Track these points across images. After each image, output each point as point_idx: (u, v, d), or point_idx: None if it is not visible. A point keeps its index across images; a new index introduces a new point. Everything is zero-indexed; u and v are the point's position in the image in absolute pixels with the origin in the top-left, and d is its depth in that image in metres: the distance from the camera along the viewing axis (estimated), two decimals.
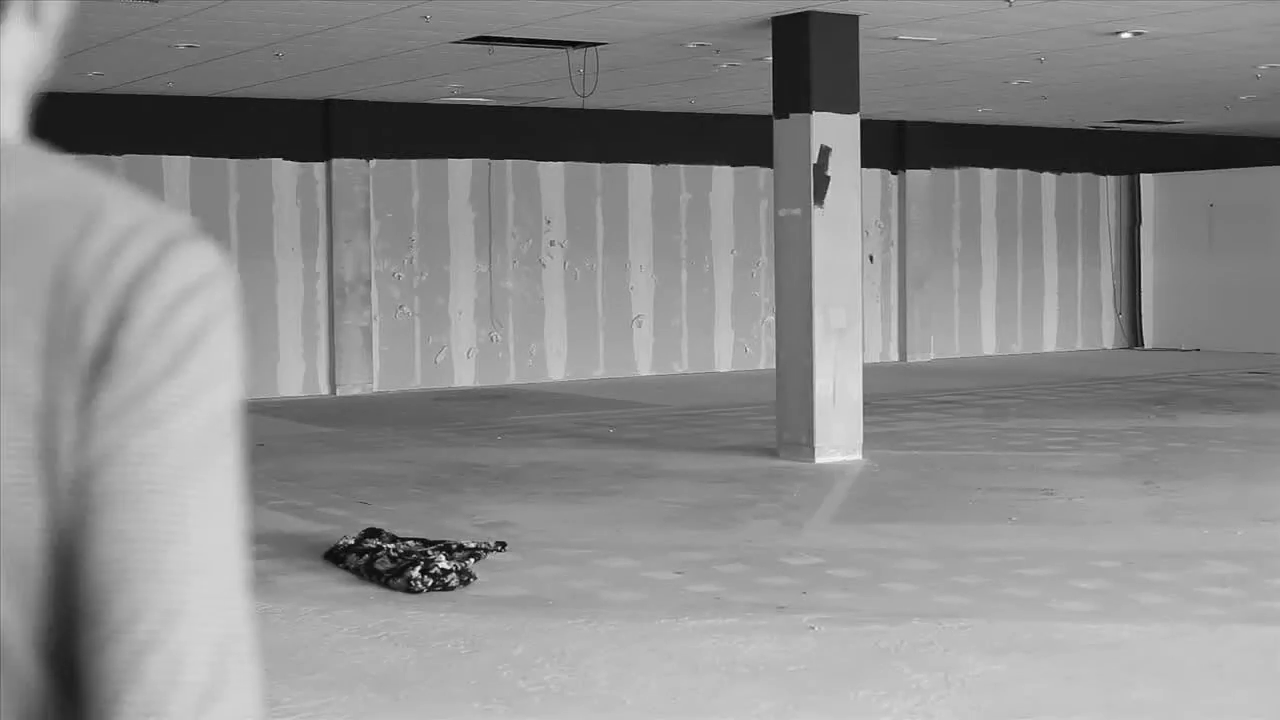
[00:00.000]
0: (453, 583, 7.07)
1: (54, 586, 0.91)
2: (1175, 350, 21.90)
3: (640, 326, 18.66)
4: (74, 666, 0.91)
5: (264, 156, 16.63)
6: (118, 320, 0.90)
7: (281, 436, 13.18)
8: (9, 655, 0.90)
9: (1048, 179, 22.04)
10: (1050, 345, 22.07)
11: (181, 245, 0.93)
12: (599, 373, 18.28)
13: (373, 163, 17.09)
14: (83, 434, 0.90)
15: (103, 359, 0.90)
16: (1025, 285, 21.80)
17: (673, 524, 8.74)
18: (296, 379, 16.85)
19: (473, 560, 7.49)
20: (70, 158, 1.01)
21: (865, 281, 19.31)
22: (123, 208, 0.94)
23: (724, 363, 19.28)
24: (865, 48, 11.92)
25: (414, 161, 17.38)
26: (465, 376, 17.69)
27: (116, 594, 0.89)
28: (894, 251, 20.59)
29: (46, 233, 0.92)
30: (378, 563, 7.31)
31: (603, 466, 10.83)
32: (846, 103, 11.27)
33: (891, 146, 20.31)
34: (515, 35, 12.19)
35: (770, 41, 11.63)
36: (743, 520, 8.85)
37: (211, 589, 0.91)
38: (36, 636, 0.91)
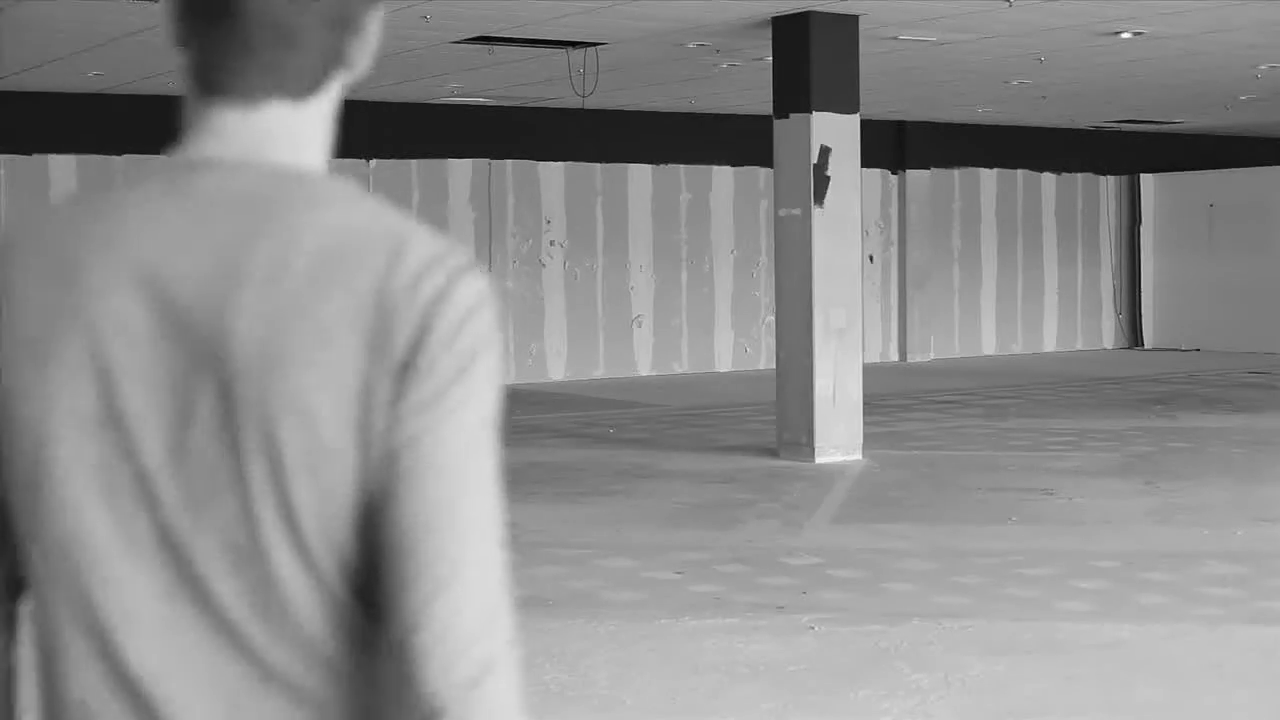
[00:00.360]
0: None
1: (358, 531, 1.22)
2: (1175, 350, 21.90)
3: (640, 326, 18.66)
4: (373, 593, 1.23)
5: None
6: (420, 334, 1.21)
7: None
8: (324, 578, 1.23)
9: (1048, 179, 22.04)
10: (1050, 345, 22.07)
11: (464, 276, 1.24)
12: (599, 373, 18.29)
13: (373, 163, 17.09)
14: (393, 421, 1.20)
15: (409, 364, 1.20)
16: (1025, 285, 21.80)
17: (673, 524, 8.74)
18: None
19: None
20: (366, 192, 1.33)
21: (865, 281, 19.31)
22: (421, 242, 1.25)
23: (724, 363, 19.28)
24: (865, 48, 11.92)
25: (414, 161, 17.38)
26: None
27: (418, 544, 1.19)
28: (894, 251, 20.59)
29: (364, 257, 1.22)
30: None
31: (603, 466, 10.83)
32: (846, 103, 11.27)
33: (891, 146, 20.31)
34: (515, 35, 12.19)
35: (770, 41, 11.63)
36: (743, 520, 8.85)
37: (483, 542, 1.21)
38: (343, 569, 1.23)
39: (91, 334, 1.24)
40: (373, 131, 16.97)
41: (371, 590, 1.24)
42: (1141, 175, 22.61)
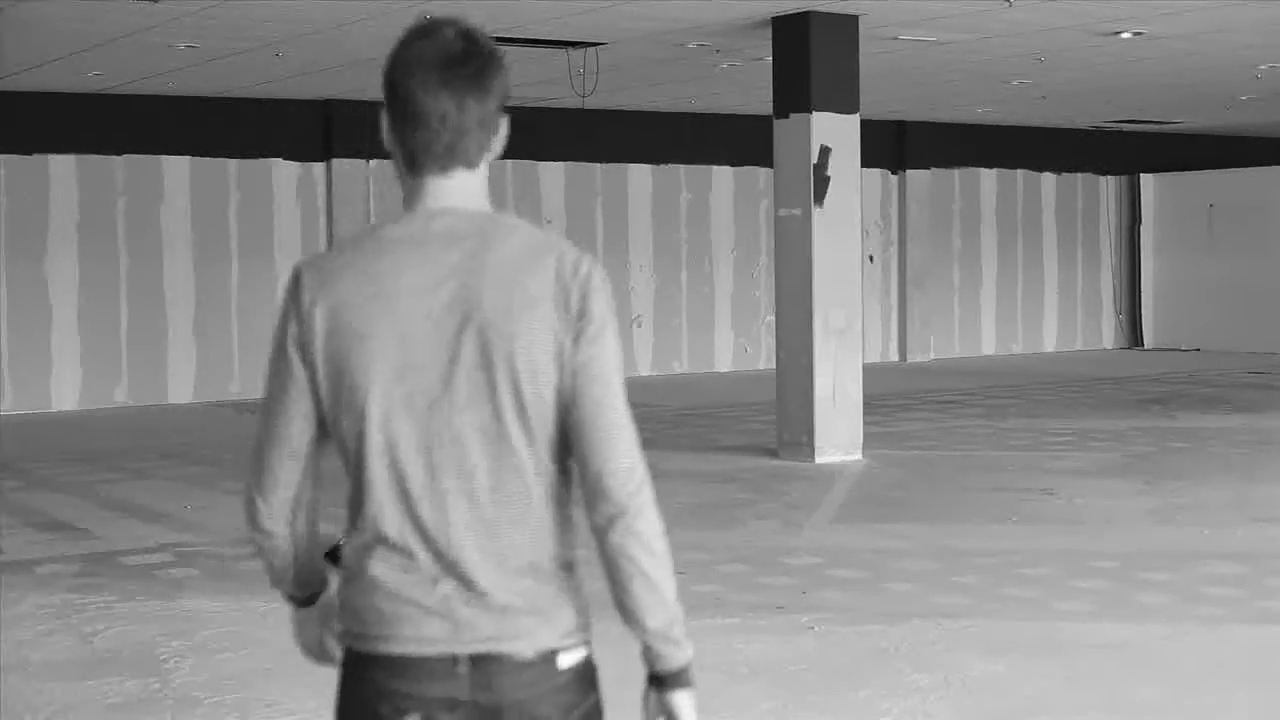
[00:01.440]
0: None
1: (556, 419, 2.15)
2: (1175, 350, 21.90)
3: (640, 326, 18.66)
4: (562, 459, 2.19)
5: (264, 156, 16.62)
6: (583, 299, 2.14)
7: None
8: (538, 449, 2.15)
9: (1048, 179, 22.04)
10: (1050, 345, 22.07)
11: (592, 262, 2.19)
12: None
13: (373, 163, 17.09)
14: (573, 351, 2.13)
15: (579, 316, 2.14)
16: (1025, 285, 21.79)
17: (672, 524, 8.68)
18: None
19: None
20: (519, 220, 2.26)
21: (865, 281, 19.31)
22: (568, 245, 2.19)
23: (724, 363, 19.28)
24: (865, 48, 11.92)
25: None
26: None
27: (596, 421, 2.14)
28: (894, 251, 20.59)
29: (544, 256, 2.17)
30: None
31: None
32: (846, 103, 11.26)
33: (891, 146, 20.31)
34: (515, 35, 12.18)
35: (770, 41, 11.63)
36: (743, 520, 8.85)
37: (625, 418, 2.17)
38: (548, 442, 2.17)
39: (394, 321, 2.16)
40: (373, 131, 16.87)
41: (561, 457, 2.20)
42: (1141, 175, 22.61)
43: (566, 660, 2.27)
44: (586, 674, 2.35)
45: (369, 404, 2.18)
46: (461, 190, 2.24)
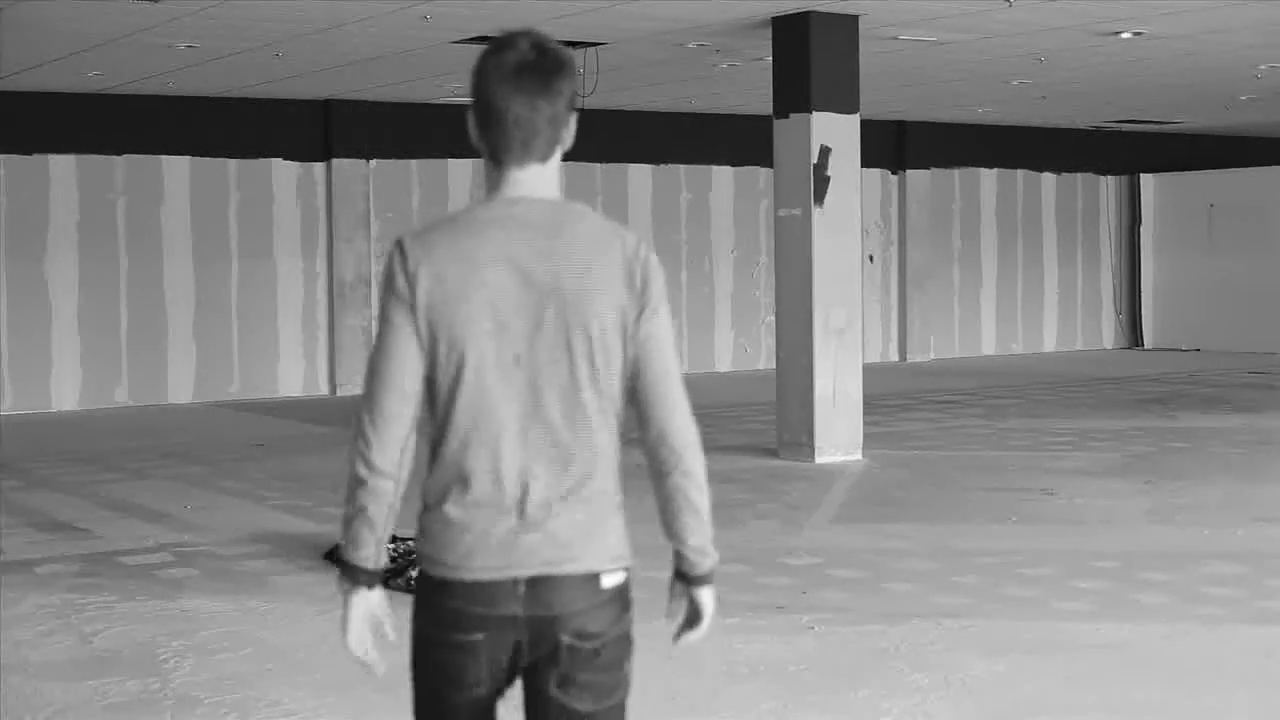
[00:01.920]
0: None
1: (625, 377, 2.63)
2: (1175, 350, 21.90)
3: None
4: (625, 407, 2.66)
5: (264, 156, 16.62)
6: (645, 277, 2.60)
7: (281, 436, 13.18)
8: (605, 411, 2.62)
9: (1048, 179, 22.03)
10: (1050, 345, 22.07)
11: (649, 247, 2.64)
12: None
13: (373, 163, 17.09)
14: (639, 322, 2.60)
15: (642, 292, 2.59)
16: (1025, 285, 21.79)
17: None
18: (296, 379, 16.84)
19: None
20: (586, 207, 2.66)
21: (865, 281, 19.31)
22: (628, 233, 2.64)
23: (724, 363, 19.28)
24: (865, 48, 11.92)
25: (414, 161, 17.38)
26: None
27: (660, 385, 2.65)
28: (894, 251, 20.59)
29: (611, 240, 2.60)
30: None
31: None
32: (846, 103, 11.26)
33: (891, 146, 20.31)
34: None
35: (770, 41, 11.63)
36: (743, 520, 8.85)
37: (681, 383, 2.66)
38: (613, 403, 2.63)
39: (486, 288, 2.56)
40: (373, 131, 16.97)
41: (620, 412, 2.67)
42: (1141, 175, 22.60)
43: (609, 581, 2.73)
44: (624, 594, 2.81)
45: (466, 356, 2.58)
46: (535, 180, 2.65)
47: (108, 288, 15.85)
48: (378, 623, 2.74)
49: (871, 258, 20.19)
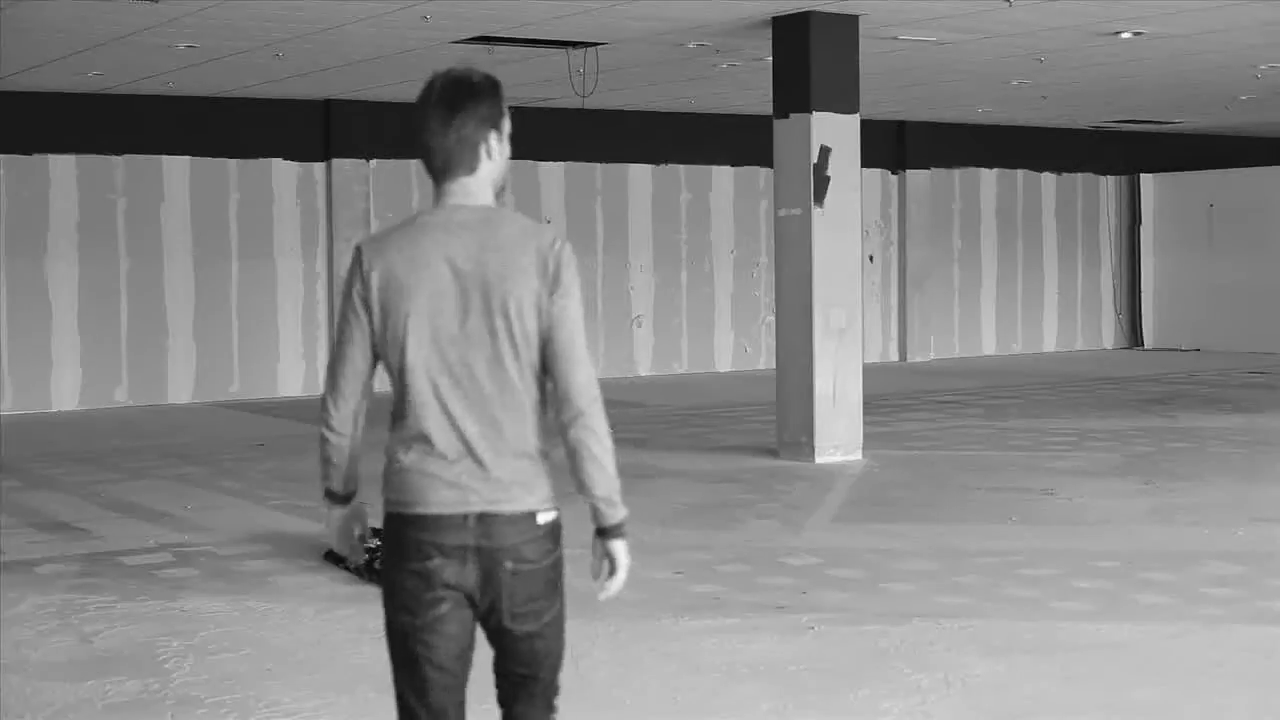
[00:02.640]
0: None
1: (539, 348, 3.14)
2: (1175, 350, 21.90)
3: (640, 326, 18.66)
4: (544, 375, 3.18)
5: (264, 156, 16.63)
6: (557, 266, 3.13)
7: (281, 436, 13.18)
8: (526, 378, 3.14)
9: (1048, 179, 22.03)
10: (1050, 345, 22.07)
11: (564, 242, 3.18)
12: (599, 373, 18.24)
13: (373, 163, 17.09)
14: (550, 303, 3.12)
15: (554, 280, 3.13)
16: (1025, 285, 21.80)
17: (673, 524, 8.74)
18: (296, 379, 16.84)
19: None
20: (513, 212, 3.31)
21: (865, 281, 19.31)
22: (545, 231, 3.21)
23: (724, 363, 19.28)
24: (865, 48, 11.92)
25: (414, 161, 17.37)
26: None
27: (567, 352, 3.14)
28: (894, 251, 20.59)
29: (529, 238, 3.15)
30: (378, 563, 7.31)
31: None
32: (846, 103, 11.26)
33: (891, 146, 20.31)
34: (515, 35, 12.19)
35: (770, 41, 11.63)
36: (743, 520, 8.85)
37: (585, 350, 3.17)
38: (532, 368, 3.16)
39: (428, 282, 3.12)
40: (373, 131, 16.97)
41: (540, 379, 3.16)
42: (1141, 175, 22.60)
43: (543, 518, 3.22)
44: (556, 530, 3.27)
45: (408, 338, 3.16)
46: (465, 191, 3.22)
47: (108, 288, 15.85)
48: (349, 525, 3.44)
49: (871, 258, 20.19)
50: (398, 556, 3.21)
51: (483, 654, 3.32)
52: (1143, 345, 22.63)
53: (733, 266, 19.33)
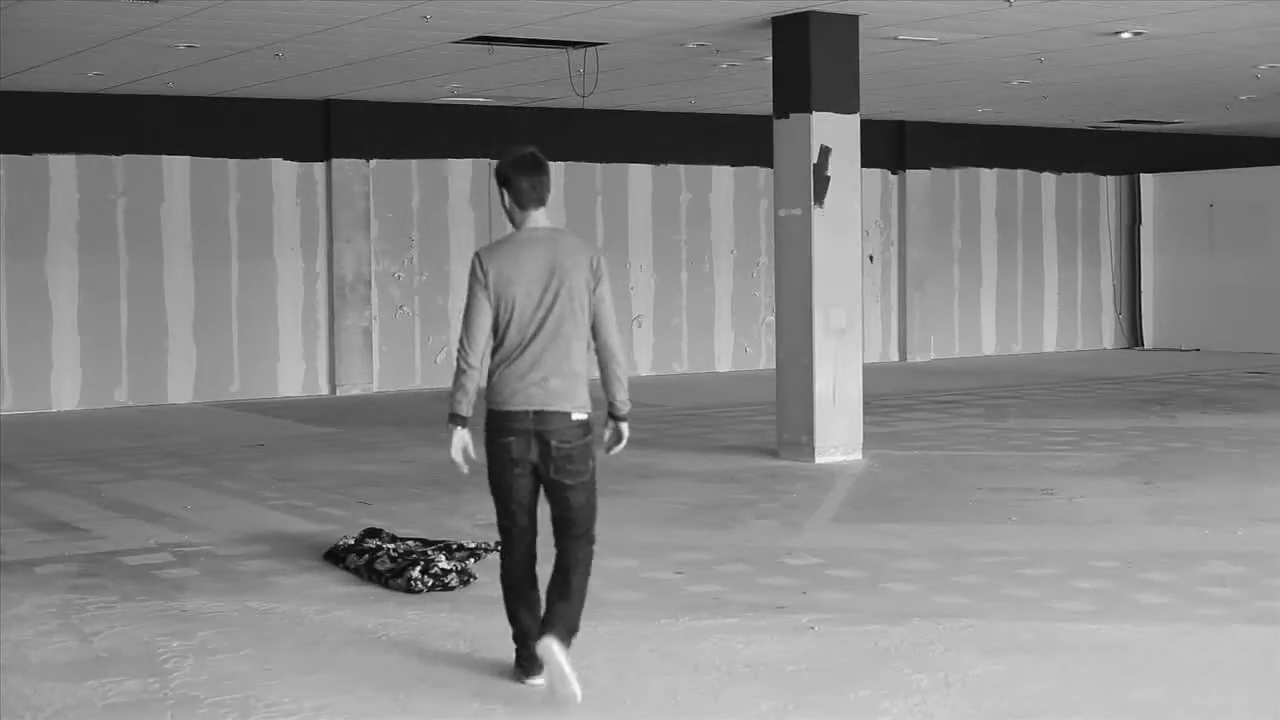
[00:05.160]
0: (453, 583, 7.07)
1: (588, 317, 5.46)
2: (1175, 350, 21.90)
3: (640, 326, 18.66)
4: (588, 331, 5.51)
5: (264, 156, 16.63)
6: (598, 267, 5.46)
7: (281, 436, 13.18)
8: (581, 331, 5.43)
9: (1048, 179, 22.04)
10: (1050, 345, 22.07)
11: (600, 251, 5.81)
12: (599, 373, 18.25)
13: (373, 163, 17.09)
14: (595, 289, 5.45)
15: (597, 276, 5.45)
16: (1025, 285, 21.80)
17: (673, 524, 8.74)
18: (296, 379, 16.85)
19: (473, 560, 7.49)
20: (568, 231, 6.18)
21: (865, 281, 19.31)
22: (589, 244, 5.64)
23: (724, 363, 19.28)
24: (865, 48, 11.92)
25: (414, 161, 17.38)
26: None
27: (607, 323, 5.49)
28: (894, 251, 20.59)
29: (581, 250, 5.47)
30: (378, 563, 7.31)
31: (602, 466, 10.76)
32: (846, 103, 11.26)
33: (891, 146, 20.31)
34: (515, 35, 12.19)
35: (770, 41, 11.63)
36: (743, 520, 8.85)
37: (614, 320, 5.55)
38: (584, 327, 5.46)
39: (523, 273, 5.35)
40: (372, 131, 16.97)
41: (586, 332, 5.44)
42: (1141, 175, 22.60)
43: (577, 416, 5.36)
44: (587, 425, 5.40)
45: (515, 308, 5.33)
46: (538, 218, 5.44)
47: (108, 288, 15.85)
48: (466, 444, 5.46)
49: (871, 258, 20.19)
50: (494, 434, 5.37)
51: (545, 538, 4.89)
52: (1143, 345, 22.63)
53: (733, 266, 19.33)
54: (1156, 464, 10.80)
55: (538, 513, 5.44)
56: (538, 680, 5.38)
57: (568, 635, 5.27)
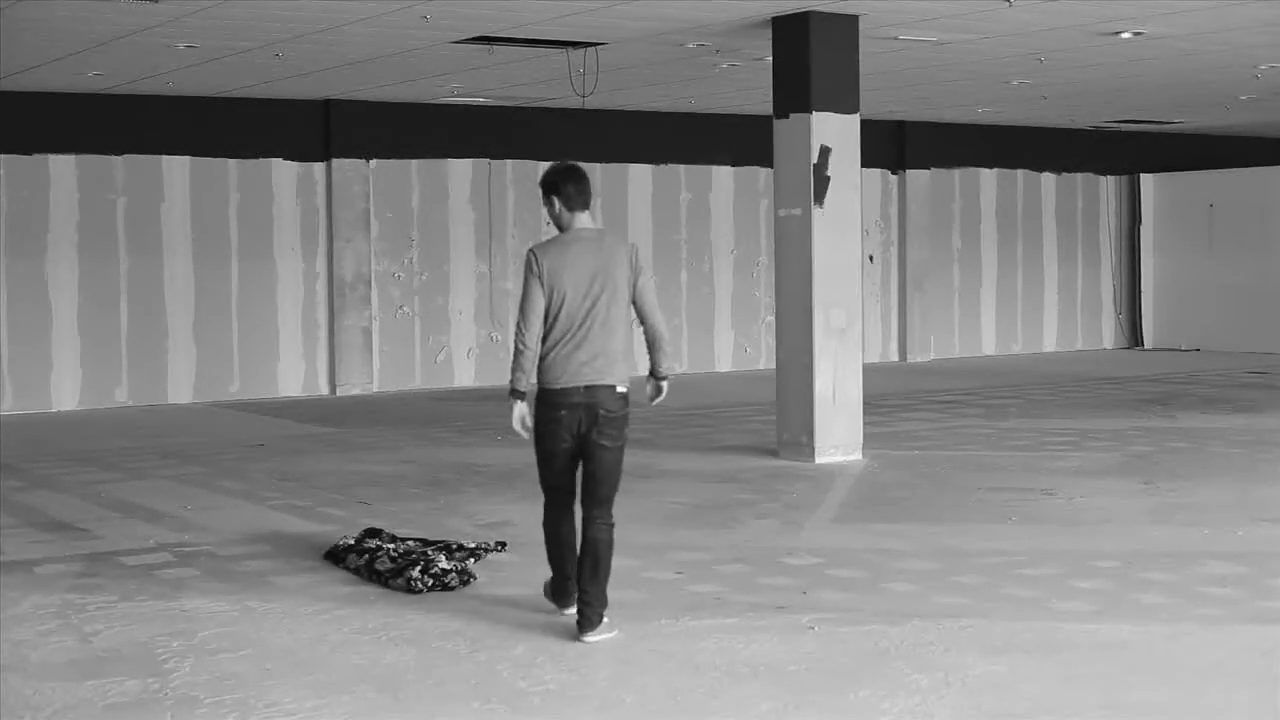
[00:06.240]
0: (453, 583, 7.07)
1: (630, 304, 6.37)
2: (1175, 350, 21.90)
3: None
4: (630, 316, 6.38)
5: (264, 156, 16.63)
6: (637, 262, 6.35)
7: (281, 436, 13.18)
8: (624, 317, 6.31)
9: (1048, 179, 22.04)
10: (1050, 345, 22.07)
11: (638, 248, 6.46)
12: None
13: (373, 163, 17.09)
14: (636, 279, 6.35)
15: (638, 269, 6.35)
16: (1025, 285, 21.80)
17: (673, 524, 8.74)
18: (296, 379, 16.85)
19: (473, 560, 7.49)
20: (610, 232, 7.65)
21: (865, 281, 19.31)
22: (629, 243, 6.45)
23: (724, 363, 19.28)
24: (865, 48, 11.92)
25: (414, 161, 17.38)
26: (465, 376, 17.70)
27: (650, 307, 6.42)
28: (894, 251, 20.59)
29: (622, 247, 6.37)
30: (378, 563, 7.31)
31: None
32: (846, 103, 11.26)
33: (891, 146, 20.31)
34: (515, 35, 12.18)
35: (770, 41, 11.63)
36: (743, 520, 8.85)
37: (657, 304, 6.48)
38: (627, 313, 6.34)
39: (573, 268, 6.19)
40: (373, 131, 16.98)
41: (628, 318, 6.32)
42: (1141, 175, 22.60)
43: (620, 389, 6.22)
44: (626, 397, 6.23)
45: (566, 298, 6.12)
46: (585, 220, 6.29)
47: (108, 288, 15.85)
48: (524, 415, 6.20)
49: (871, 258, 20.19)
50: (548, 410, 6.17)
51: None
52: (1143, 345, 22.63)
53: (733, 266, 19.33)
54: (1156, 464, 10.80)
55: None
56: (570, 611, 6.39)
57: (603, 611, 6.14)
